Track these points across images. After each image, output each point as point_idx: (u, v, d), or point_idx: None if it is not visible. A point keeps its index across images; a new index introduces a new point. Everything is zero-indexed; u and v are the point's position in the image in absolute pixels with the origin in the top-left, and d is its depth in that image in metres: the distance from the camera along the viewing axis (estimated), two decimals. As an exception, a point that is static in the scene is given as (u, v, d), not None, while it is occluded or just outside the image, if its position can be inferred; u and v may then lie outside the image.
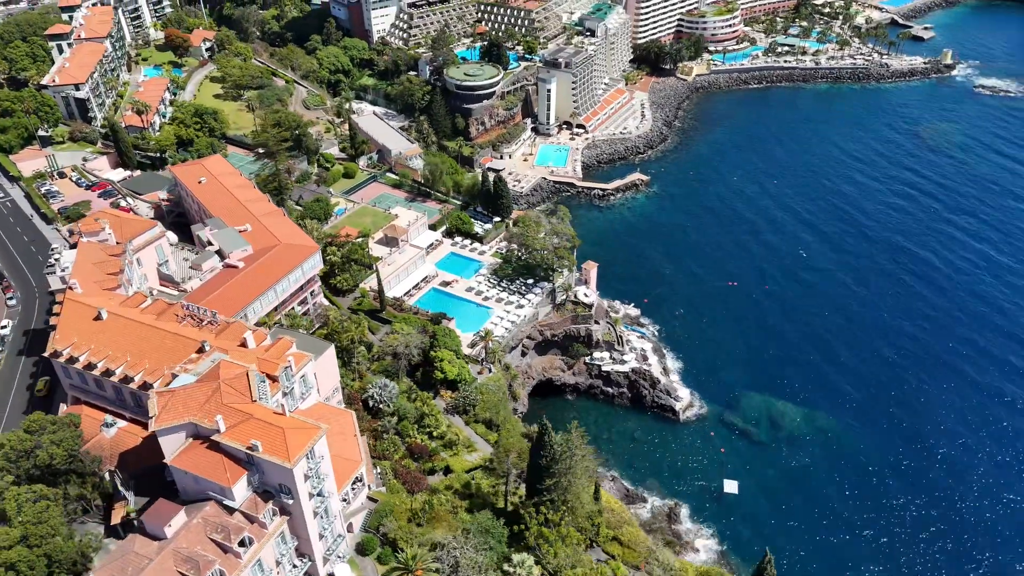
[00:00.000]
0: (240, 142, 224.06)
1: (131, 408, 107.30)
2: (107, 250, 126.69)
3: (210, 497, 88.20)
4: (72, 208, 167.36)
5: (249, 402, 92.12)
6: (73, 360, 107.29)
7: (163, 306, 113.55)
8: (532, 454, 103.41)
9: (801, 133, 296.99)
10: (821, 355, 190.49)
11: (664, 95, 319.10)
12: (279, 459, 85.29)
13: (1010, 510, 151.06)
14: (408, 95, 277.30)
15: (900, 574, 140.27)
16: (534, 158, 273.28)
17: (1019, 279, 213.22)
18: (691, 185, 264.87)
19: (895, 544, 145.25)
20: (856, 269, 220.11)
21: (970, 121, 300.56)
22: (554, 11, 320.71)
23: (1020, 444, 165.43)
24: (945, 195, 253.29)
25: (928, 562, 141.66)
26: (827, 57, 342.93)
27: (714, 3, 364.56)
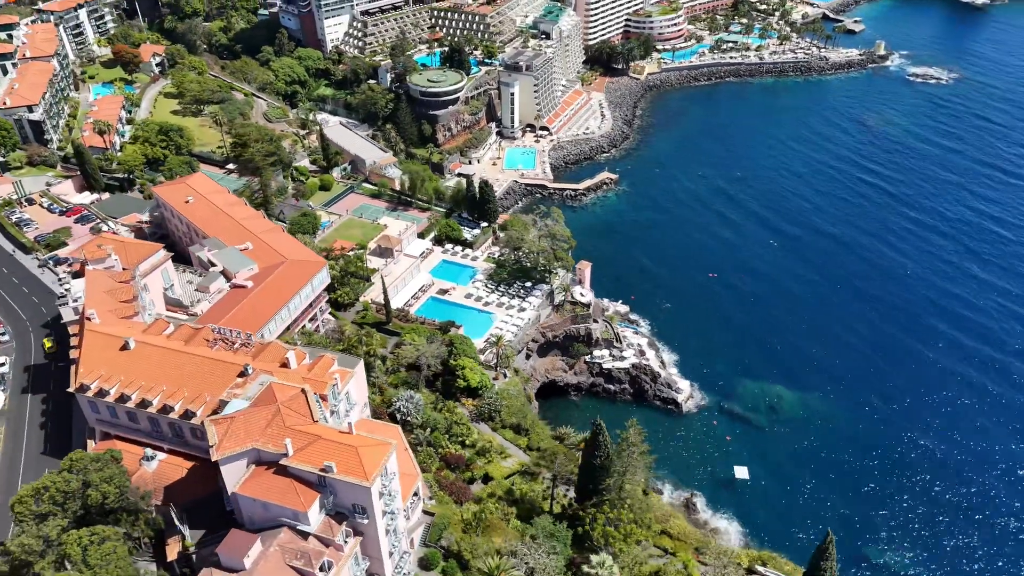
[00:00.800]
0: (208, 159, 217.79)
1: (169, 439, 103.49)
2: (115, 277, 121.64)
3: (282, 524, 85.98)
4: (51, 236, 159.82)
5: (311, 423, 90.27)
6: (103, 393, 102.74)
7: (190, 331, 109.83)
8: (586, 454, 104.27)
9: (755, 126, 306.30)
10: (804, 339, 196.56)
11: (620, 95, 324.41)
12: (356, 479, 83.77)
13: (993, 463, 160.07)
14: (371, 104, 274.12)
15: (907, 531, 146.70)
16: (502, 162, 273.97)
17: (970, 258, 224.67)
18: (658, 181, 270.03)
19: (897, 506, 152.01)
20: (823, 253, 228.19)
21: (909, 108, 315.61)
22: (508, 15, 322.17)
23: (981, 402, 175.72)
24: (898, 179, 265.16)
25: (928, 518, 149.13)
26: (769, 52, 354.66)
27: (658, 3, 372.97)
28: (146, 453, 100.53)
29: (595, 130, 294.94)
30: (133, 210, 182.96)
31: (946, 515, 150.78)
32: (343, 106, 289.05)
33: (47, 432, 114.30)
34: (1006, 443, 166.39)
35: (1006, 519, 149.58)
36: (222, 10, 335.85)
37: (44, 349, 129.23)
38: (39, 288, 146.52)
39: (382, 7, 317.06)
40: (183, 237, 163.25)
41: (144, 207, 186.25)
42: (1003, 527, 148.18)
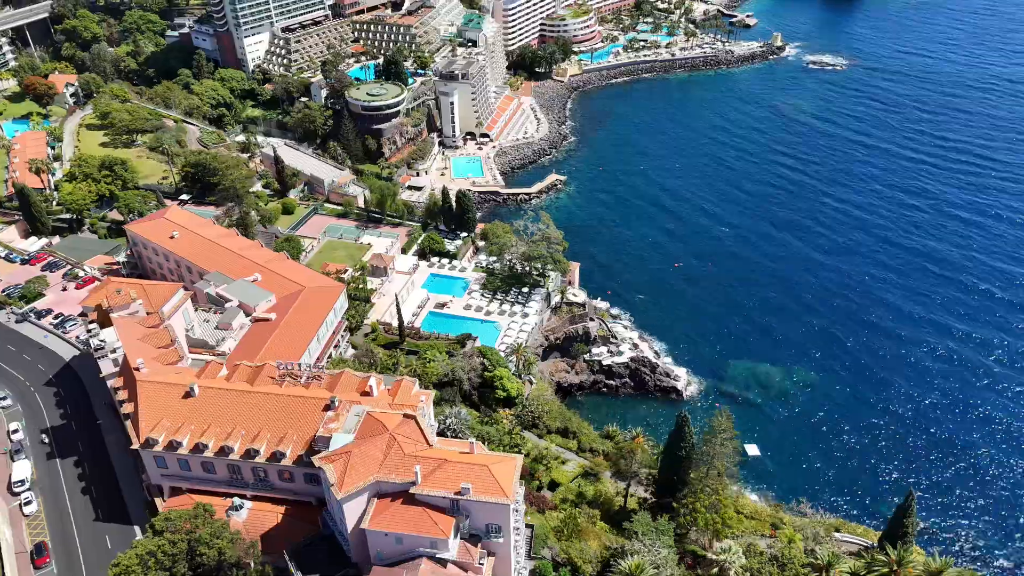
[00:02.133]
0: (156, 191, 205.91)
1: (252, 485, 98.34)
2: (143, 323, 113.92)
3: (419, 554, 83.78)
4: (25, 287, 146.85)
5: (427, 447, 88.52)
6: (175, 445, 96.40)
7: (250, 371, 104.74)
8: (670, 446, 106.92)
9: (682, 119, 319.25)
10: (770, 316, 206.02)
11: (548, 97, 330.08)
12: (496, 497, 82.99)
13: (961, 417, 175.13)
14: (309, 122, 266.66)
15: (908, 477, 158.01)
16: (450, 171, 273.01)
17: (888, 228, 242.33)
18: (603, 180, 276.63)
19: (894, 458, 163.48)
20: (767, 237, 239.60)
21: (813, 94, 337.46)
22: (431, 25, 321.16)
23: (934, 351, 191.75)
24: (815, 160, 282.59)
25: (930, 467, 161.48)
26: (679, 48, 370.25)
27: (568, 6, 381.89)
28: (234, 503, 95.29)
29: (533, 134, 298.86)
30: (96, 251, 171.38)
31: (931, 453, 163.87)
32: (276, 126, 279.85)
33: (93, 497, 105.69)
34: (962, 383, 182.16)
35: (978, 450, 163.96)
36: (126, 34, 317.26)
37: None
38: (26, 344, 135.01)
39: (303, 23, 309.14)
40: (169, 275, 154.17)
41: (104, 247, 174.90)
42: (970, 457, 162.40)
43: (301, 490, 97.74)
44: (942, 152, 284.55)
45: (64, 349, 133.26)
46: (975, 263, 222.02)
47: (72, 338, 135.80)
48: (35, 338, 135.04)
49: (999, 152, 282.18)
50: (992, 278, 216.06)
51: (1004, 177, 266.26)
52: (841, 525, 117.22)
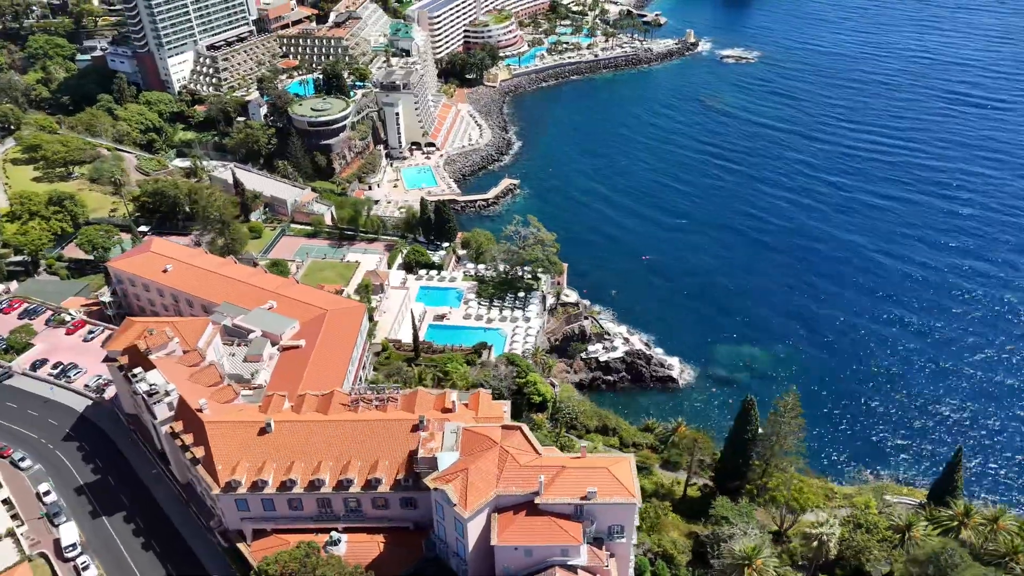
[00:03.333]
0: (110, 223, 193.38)
1: (342, 517, 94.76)
2: (184, 361, 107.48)
3: (549, 564, 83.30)
4: (11, 337, 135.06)
5: (537, 456, 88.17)
6: (259, 485, 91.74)
7: (317, 400, 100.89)
8: (736, 430, 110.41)
9: (616, 117, 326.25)
10: (739, 299, 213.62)
11: (484, 103, 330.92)
12: (623, 498, 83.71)
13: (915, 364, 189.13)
14: (252, 142, 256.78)
15: (902, 438, 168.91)
16: (403, 183, 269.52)
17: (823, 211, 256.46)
18: (555, 181, 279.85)
19: (884, 420, 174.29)
20: (723, 226, 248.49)
21: (732, 86, 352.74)
22: (361, 36, 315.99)
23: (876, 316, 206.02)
24: (744, 147, 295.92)
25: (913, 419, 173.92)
26: (600, 49, 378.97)
27: (488, 12, 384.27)
28: (332, 537, 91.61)
29: (478, 140, 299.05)
30: (65, 293, 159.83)
31: (909, 412, 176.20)
32: (213, 148, 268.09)
33: (158, 552, 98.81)
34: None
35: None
36: (31, 60, 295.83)
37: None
38: (28, 399, 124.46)
39: (227, 40, 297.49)
40: (164, 312, 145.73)
41: (72, 288, 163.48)
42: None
43: (396, 516, 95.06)
44: (855, 133, 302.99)
45: (73, 400, 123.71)
46: (900, 234, 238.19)
47: (80, 387, 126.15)
48: (37, 392, 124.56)
49: (907, 131, 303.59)
50: (914, 246, 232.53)
51: (914, 151, 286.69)
52: (890, 489, 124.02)
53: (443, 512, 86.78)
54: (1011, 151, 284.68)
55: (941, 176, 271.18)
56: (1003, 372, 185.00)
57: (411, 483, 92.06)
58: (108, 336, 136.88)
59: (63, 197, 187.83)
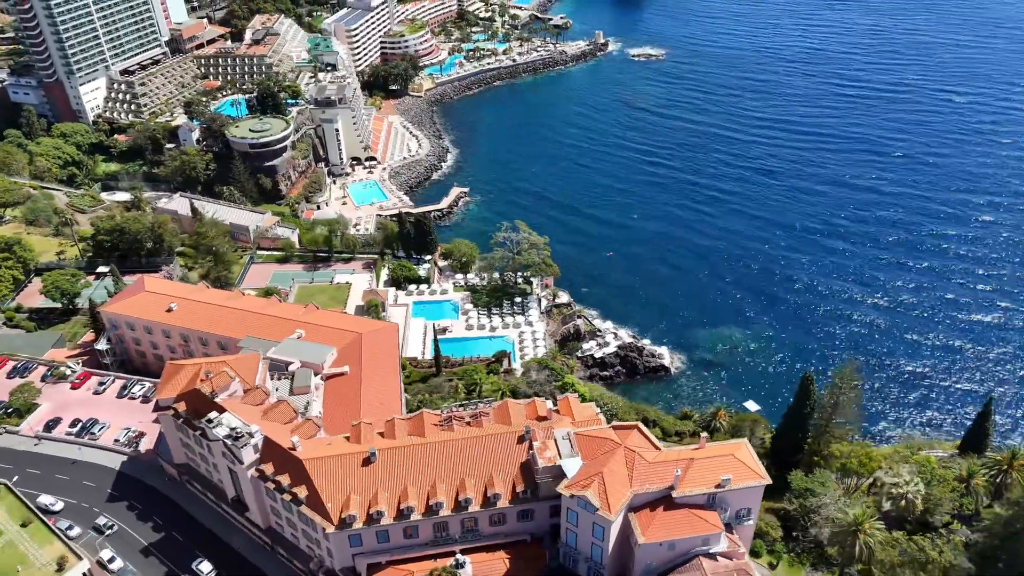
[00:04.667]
0: (63, 267, 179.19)
1: (459, 538, 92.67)
2: (250, 401, 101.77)
3: (692, 556, 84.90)
4: (13, 398, 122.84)
5: (659, 451, 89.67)
6: (375, 518, 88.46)
7: (408, 424, 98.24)
8: (796, 406, 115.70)
9: (546, 120, 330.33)
10: (706, 286, 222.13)
11: (413, 114, 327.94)
12: (754, 480, 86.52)
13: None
14: (188, 169, 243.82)
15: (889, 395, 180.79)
16: (351, 199, 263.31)
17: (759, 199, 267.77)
18: (502, 186, 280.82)
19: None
20: (671, 217, 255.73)
21: (650, 83, 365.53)
22: (283, 52, 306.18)
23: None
24: (672, 142, 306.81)
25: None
26: (516, 53, 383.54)
27: (401, 22, 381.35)
28: (457, 560, 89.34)
29: (417, 151, 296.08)
30: (41, 345, 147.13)
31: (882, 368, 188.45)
32: (144, 179, 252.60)
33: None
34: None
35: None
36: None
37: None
38: (53, 464, 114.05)
39: (141, 63, 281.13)
40: (171, 353, 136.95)
41: (47, 339, 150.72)
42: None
43: (512, 531, 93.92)
44: (764, 121, 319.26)
45: (105, 457, 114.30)
46: (827, 214, 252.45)
47: (108, 443, 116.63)
48: (59, 454, 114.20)
49: (815, 117, 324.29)
50: (838, 226, 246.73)
51: (822, 138, 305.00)
52: (923, 445, 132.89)
53: (576, 518, 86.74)
54: (911, 130, 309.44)
55: (847, 156, 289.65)
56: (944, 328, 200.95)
57: (529, 494, 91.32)
58: (123, 387, 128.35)
59: (11, 242, 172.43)
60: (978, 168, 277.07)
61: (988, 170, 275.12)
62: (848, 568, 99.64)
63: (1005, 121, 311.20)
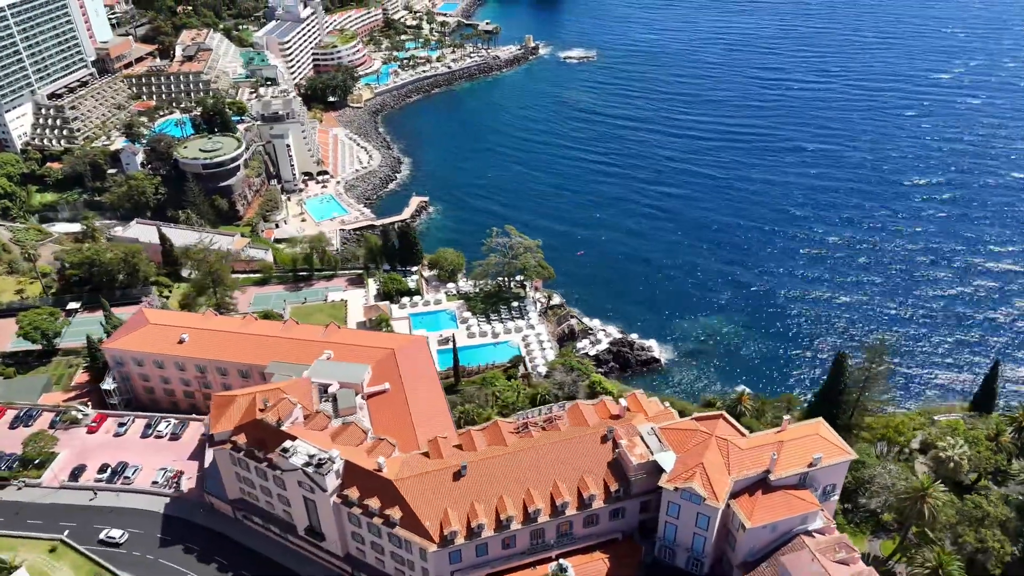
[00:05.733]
0: (27, 307, 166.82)
1: (555, 544, 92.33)
2: (315, 426, 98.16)
3: (793, 535, 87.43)
4: (31, 448, 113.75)
5: (746, 437, 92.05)
6: (477, 531, 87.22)
7: (485, 434, 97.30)
8: (830, 381, 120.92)
9: (491, 124, 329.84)
10: (675, 277, 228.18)
11: (357, 125, 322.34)
12: (842, 456, 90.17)
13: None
14: (137, 194, 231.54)
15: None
16: (310, 216, 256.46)
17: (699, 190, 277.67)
18: (460, 192, 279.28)
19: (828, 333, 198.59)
20: (626, 214, 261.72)
21: (586, 84, 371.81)
22: (218, 67, 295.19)
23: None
24: (617, 137, 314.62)
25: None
26: (451, 60, 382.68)
27: (331, 33, 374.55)
28: (559, 564, 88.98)
29: (369, 162, 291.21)
30: (28, 391, 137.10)
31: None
32: (86, 207, 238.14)
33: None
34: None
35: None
36: None
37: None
38: (88, 514, 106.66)
39: (68, 86, 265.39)
40: (183, 386, 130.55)
41: (34, 384, 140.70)
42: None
43: (605, 530, 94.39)
44: (701, 117, 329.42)
45: (144, 501, 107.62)
46: (768, 203, 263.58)
47: (146, 486, 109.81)
48: (92, 503, 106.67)
49: (749, 109, 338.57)
50: (770, 211, 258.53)
51: (753, 129, 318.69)
52: (934, 411, 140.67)
53: (678, 511, 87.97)
54: (843, 117, 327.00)
55: (778, 143, 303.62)
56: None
57: (623, 493, 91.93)
58: (146, 426, 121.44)
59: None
60: (917, 150, 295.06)
61: (924, 150, 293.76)
62: (908, 532, 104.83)
63: (929, 105, 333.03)
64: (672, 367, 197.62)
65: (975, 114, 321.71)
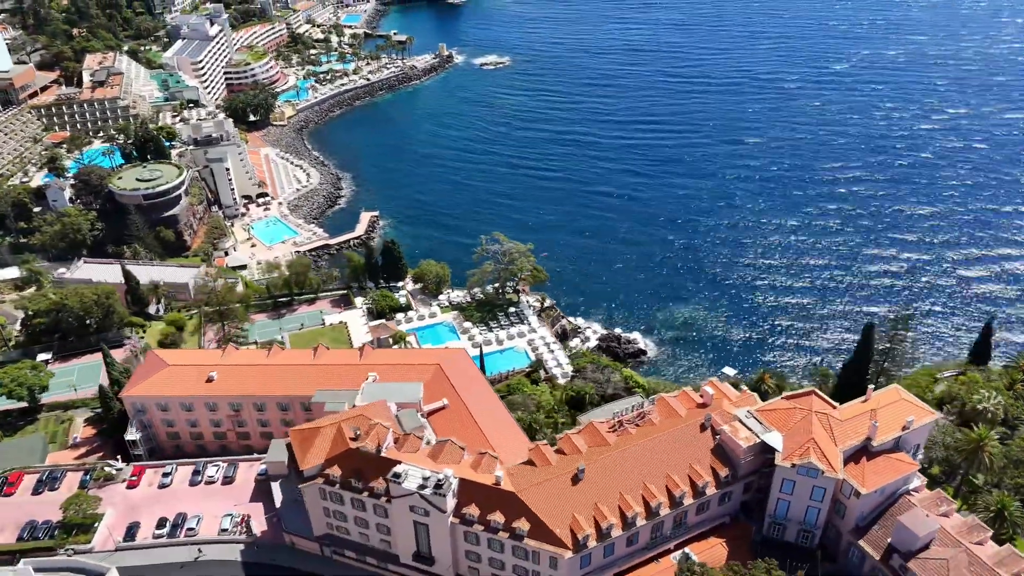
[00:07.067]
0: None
1: (672, 535, 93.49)
2: (410, 448, 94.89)
3: (898, 496, 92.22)
4: (73, 511, 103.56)
5: (835, 409, 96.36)
6: (606, 532, 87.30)
7: (584, 437, 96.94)
8: (859, 351, 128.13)
9: (420, 134, 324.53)
10: (642, 268, 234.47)
11: (285, 143, 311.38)
12: (929, 417, 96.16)
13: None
14: (73, 232, 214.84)
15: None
16: (259, 240, 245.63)
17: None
18: (408, 204, 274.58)
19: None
20: (575, 214, 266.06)
21: (506, 89, 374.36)
22: (135, 93, 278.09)
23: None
24: (544, 135, 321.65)
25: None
26: (368, 72, 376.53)
27: (240, 50, 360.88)
28: (685, 552, 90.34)
29: (307, 181, 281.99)
30: (35, 450, 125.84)
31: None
32: (11, 250, 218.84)
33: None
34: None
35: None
36: None
37: None
38: (158, 572, 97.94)
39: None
40: (213, 427, 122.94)
41: (32, 445, 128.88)
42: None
43: (715, 515, 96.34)
44: (620, 115, 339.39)
45: (218, 551, 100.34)
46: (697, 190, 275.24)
47: (215, 534, 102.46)
48: (155, 560, 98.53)
49: (665, 105, 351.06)
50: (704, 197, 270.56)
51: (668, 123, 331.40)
52: (937, 370, 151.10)
53: (792, 486, 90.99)
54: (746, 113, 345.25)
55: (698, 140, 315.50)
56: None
57: (732, 477, 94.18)
58: (194, 472, 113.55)
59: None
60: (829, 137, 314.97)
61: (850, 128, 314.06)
62: (962, 482, 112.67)
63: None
64: (659, 356, 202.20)
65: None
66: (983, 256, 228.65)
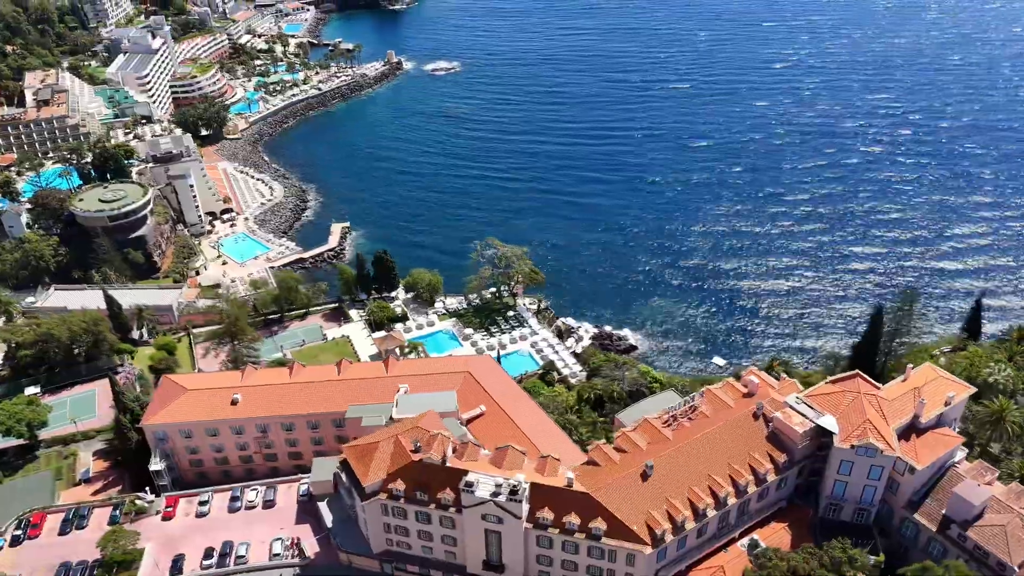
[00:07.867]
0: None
1: (736, 524, 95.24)
2: (471, 457, 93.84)
3: (946, 468, 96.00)
4: (111, 550, 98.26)
5: (881, 389, 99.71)
6: (680, 526, 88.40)
7: (641, 433, 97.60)
8: (870, 331, 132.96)
9: (381, 142, 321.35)
10: (617, 267, 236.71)
11: (241, 157, 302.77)
12: (966, 392, 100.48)
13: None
14: (35, 258, 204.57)
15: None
16: (230, 257, 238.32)
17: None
18: (376, 213, 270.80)
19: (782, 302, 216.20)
20: (549, 215, 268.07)
21: (459, 95, 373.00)
22: (83, 110, 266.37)
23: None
24: (503, 140, 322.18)
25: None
26: (319, 82, 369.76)
27: (183, 63, 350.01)
28: (752, 539, 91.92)
29: (270, 195, 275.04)
30: (45, 489, 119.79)
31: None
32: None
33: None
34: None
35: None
36: None
37: None
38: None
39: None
40: (239, 450, 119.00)
41: (38, 487, 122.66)
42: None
43: (773, 500, 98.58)
44: (572, 119, 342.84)
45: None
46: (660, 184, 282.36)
47: (266, 560, 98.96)
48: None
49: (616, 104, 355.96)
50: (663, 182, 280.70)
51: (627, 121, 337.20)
52: (933, 347, 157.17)
53: (850, 467, 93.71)
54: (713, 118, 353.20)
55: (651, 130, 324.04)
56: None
57: (788, 463, 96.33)
58: (232, 498, 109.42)
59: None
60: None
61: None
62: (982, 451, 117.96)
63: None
64: (649, 350, 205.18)
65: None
66: (955, 236, 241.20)
